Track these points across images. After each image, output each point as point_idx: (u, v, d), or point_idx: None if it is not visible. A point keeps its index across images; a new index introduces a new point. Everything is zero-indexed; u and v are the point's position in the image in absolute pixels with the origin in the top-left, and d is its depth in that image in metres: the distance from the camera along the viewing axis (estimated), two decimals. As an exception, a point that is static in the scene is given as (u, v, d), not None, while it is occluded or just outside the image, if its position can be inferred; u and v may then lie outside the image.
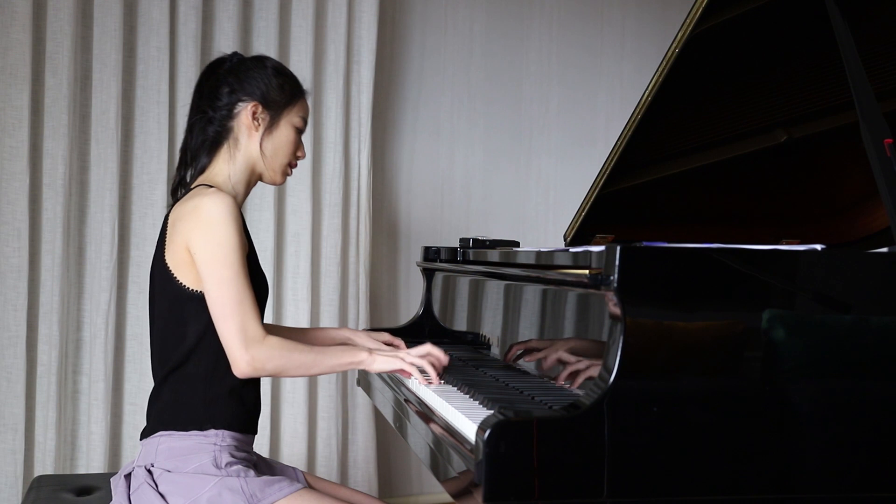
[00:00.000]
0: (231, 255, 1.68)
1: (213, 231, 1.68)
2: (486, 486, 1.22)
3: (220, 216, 1.68)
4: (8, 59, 2.79)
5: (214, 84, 1.84)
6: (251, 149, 1.83)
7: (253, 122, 1.82)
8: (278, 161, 1.86)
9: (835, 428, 1.34)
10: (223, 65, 1.86)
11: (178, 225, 1.73)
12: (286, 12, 3.20)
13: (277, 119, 1.84)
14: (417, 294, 3.07)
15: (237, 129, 1.83)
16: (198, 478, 1.68)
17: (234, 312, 1.66)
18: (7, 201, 2.80)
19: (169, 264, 1.74)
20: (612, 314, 1.32)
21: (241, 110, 1.82)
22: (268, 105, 1.83)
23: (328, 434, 3.24)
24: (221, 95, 1.82)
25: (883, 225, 2.37)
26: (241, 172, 1.84)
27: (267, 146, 1.84)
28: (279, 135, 1.85)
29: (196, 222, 1.69)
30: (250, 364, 1.67)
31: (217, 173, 1.83)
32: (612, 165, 2.22)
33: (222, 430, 1.73)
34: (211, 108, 1.83)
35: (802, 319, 1.36)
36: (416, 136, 3.61)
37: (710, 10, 1.91)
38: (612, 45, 3.89)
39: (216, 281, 1.67)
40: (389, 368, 1.80)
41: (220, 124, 1.82)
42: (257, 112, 1.82)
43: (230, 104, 1.82)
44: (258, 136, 1.83)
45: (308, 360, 1.73)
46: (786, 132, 2.32)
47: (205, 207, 1.69)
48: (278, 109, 1.84)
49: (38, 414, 2.83)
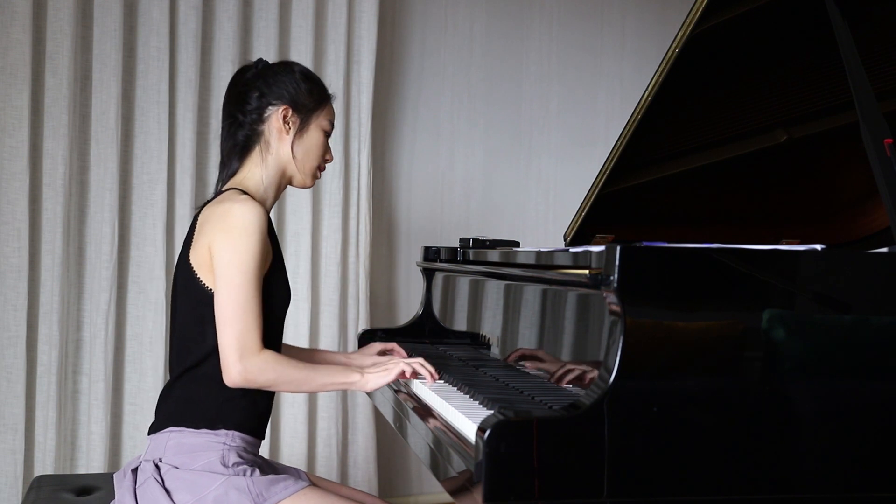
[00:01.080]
0: (247, 264, 1.68)
1: (236, 237, 1.69)
2: (486, 486, 1.22)
3: (248, 225, 1.70)
4: (8, 59, 2.79)
5: (243, 89, 1.85)
6: (282, 152, 1.85)
7: (284, 125, 1.84)
8: (309, 164, 1.88)
9: (835, 428, 1.34)
10: (249, 71, 1.88)
11: (205, 227, 1.75)
12: (286, 12, 3.20)
13: (307, 122, 1.86)
14: (417, 294, 3.07)
15: (268, 132, 1.84)
16: (205, 475, 1.69)
17: (235, 320, 1.67)
18: (7, 201, 2.80)
19: (193, 264, 1.75)
20: (612, 314, 1.32)
21: (272, 114, 1.83)
22: (298, 109, 1.85)
23: (328, 434, 3.25)
24: (251, 100, 1.84)
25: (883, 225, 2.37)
26: (273, 176, 1.86)
27: (298, 149, 1.86)
28: (309, 138, 1.87)
29: (223, 226, 1.71)
30: (241, 374, 1.67)
31: (249, 177, 1.84)
32: (612, 165, 2.22)
33: (233, 431, 1.74)
34: (241, 113, 1.84)
35: (802, 319, 1.35)
36: (416, 136, 3.61)
37: (710, 10, 1.90)
38: (612, 45, 3.89)
39: (226, 285, 1.68)
40: (383, 383, 1.80)
41: (251, 128, 1.84)
42: (288, 115, 1.84)
43: (260, 108, 1.83)
44: (289, 139, 1.84)
45: (300, 377, 1.73)
46: (786, 132, 2.32)
47: (235, 213, 1.71)
48: (308, 113, 1.86)
49: (38, 414, 2.83)
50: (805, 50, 2.16)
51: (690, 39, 1.93)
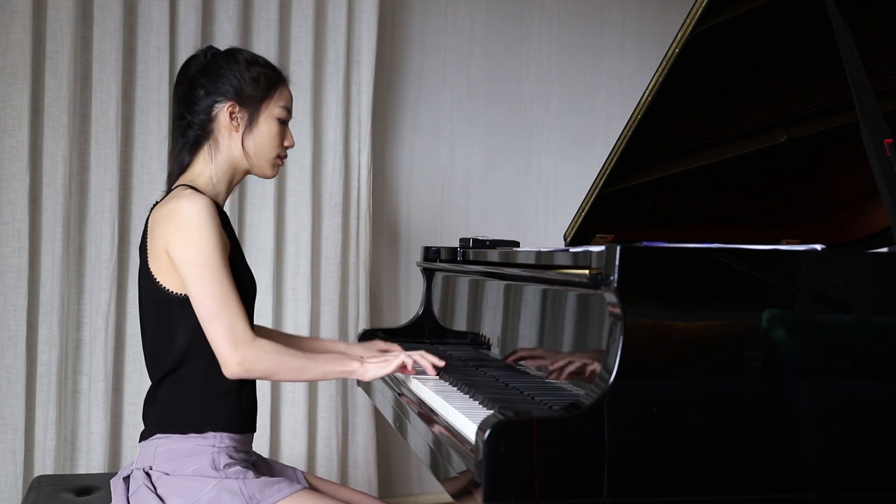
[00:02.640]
0: (211, 257, 1.66)
1: (190, 234, 1.66)
2: (486, 486, 1.22)
3: (197, 218, 1.66)
4: (8, 59, 2.79)
5: (189, 87, 1.81)
6: (233, 149, 1.81)
7: (231, 122, 1.79)
8: (264, 156, 1.83)
9: (835, 428, 1.34)
10: (195, 63, 1.83)
11: (156, 229, 1.72)
12: (286, 12, 3.20)
13: (256, 115, 1.80)
14: (417, 294, 3.07)
15: (217, 130, 1.80)
16: (196, 480, 1.68)
17: (219, 314, 1.65)
18: (7, 201, 2.80)
19: (151, 269, 1.73)
20: (611, 314, 1.32)
21: (219, 112, 1.79)
22: (244, 102, 1.79)
23: (328, 434, 3.24)
24: (198, 99, 1.79)
25: (883, 225, 2.37)
26: (224, 172, 1.82)
27: (249, 144, 1.81)
28: (260, 131, 1.81)
29: (174, 226, 1.68)
30: (241, 365, 1.65)
31: (198, 174, 1.81)
32: (612, 165, 2.22)
33: (220, 433, 1.73)
34: (189, 113, 1.80)
35: (802, 319, 1.35)
36: (416, 136, 3.61)
37: (710, 10, 1.90)
38: (612, 45, 3.89)
39: (198, 284, 1.65)
40: (382, 373, 1.79)
41: (200, 128, 1.80)
42: (234, 111, 1.79)
43: (207, 107, 1.79)
44: (239, 135, 1.80)
45: (299, 365, 1.72)
46: (786, 132, 2.32)
47: (181, 210, 1.68)
48: (255, 104, 1.80)
49: (38, 414, 2.83)
50: (805, 50, 2.16)
51: (690, 39, 1.93)
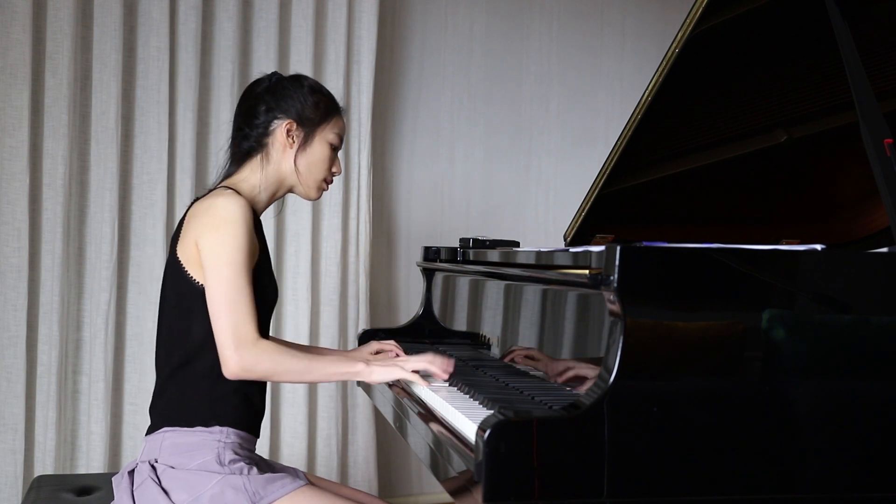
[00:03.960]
0: (234, 255, 1.69)
1: (221, 229, 1.70)
2: (486, 486, 1.22)
3: (232, 216, 1.71)
4: (8, 59, 2.79)
5: (253, 103, 1.88)
6: (284, 165, 1.87)
7: (287, 139, 1.86)
8: (313, 177, 1.90)
9: (835, 428, 1.34)
10: (262, 84, 1.90)
11: (192, 222, 1.76)
12: (286, 12, 3.20)
13: (312, 136, 1.88)
14: (417, 294, 3.07)
15: (272, 145, 1.86)
16: (201, 475, 1.69)
17: (229, 311, 1.67)
18: (7, 201, 2.80)
19: (181, 258, 1.76)
20: (612, 314, 1.32)
21: (277, 128, 1.86)
22: (302, 122, 1.86)
23: (328, 434, 3.24)
24: (259, 114, 1.86)
25: (883, 225, 2.37)
26: (270, 184, 1.88)
27: (301, 163, 1.87)
28: (313, 151, 1.88)
29: (208, 219, 1.73)
30: (239, 364, 1.67)
31: (243, 180, 1.86)
32: (612, 165, 2.22)
33: (227, 428, 1.75)
34: (248, 126, 1.87)
35: (802, 319, 1.35)
36: (416, 136, 3.61)
37: (710, 10, 1.90)
38: (612, 45, 3.89)
39: (216, 278, 1.69)
40: (388, 379, 1.80)
41: (256, 140, 1.87)
42: (292, 129, 1.86)
43: (266, 122, 1.86)
44: (292, 152, 1.86)
45: (301, 366, 1.73)
46: (786, 132, 2.32)
47: (218, 206, 1.73)
48: (313, 126, 1.88)
49: (38, 414, 2.83)
50: (805, 50, 2.16)
51: (690, 39, 1.93)
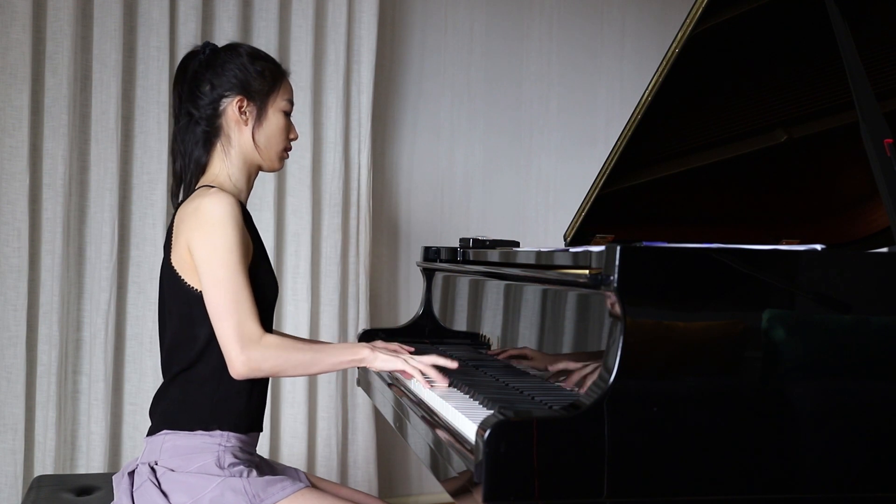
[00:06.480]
0: (228, 256, 1.67)
1: (211, 231, 1.67)
2: (486, 486, 1.22)
3: (220, 217, 1.68)
4: (8, 59, 2.79)
5: (192, 83, 1.81)
6: (244, 143, 1.82)
7: (241, 116, 1.80)
8: (273, 149, 1.85)
9: (834, 428, 1.34)
10: (196, 59, 1.83)
11: (181, 226, 1.73)
12: (286, 12, 3.20)
13: (264, 109, 1.82)
14: (417, 294, 3.07)
15: (226, 125, 1.81)
16: (201, 477, 1.68)
17: (230, 313, 1.66)
18: (7, 201, 2.80)
19: (175, 267, 1.74)
20: (612, 314, 1.32)
21: (227, 106, 1.80)
22: (251, 96, 1.81)
23: (328, 434, 3.24)
24: (203, 94, 1.80)
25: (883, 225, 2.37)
26: (240, 168, 1.83)
27: (259, 137, 1.82)
28: (269, 124, 1.83)
29: (196, 223, 1.69)
30: (246, 364, 1.66)
31: (217, 173, 1.82)
32: (612, 165, 2.22)
33: (228, 432, 1.74)
34: (195, 109, 1.81)
35: (802, 319, 1.35)
36: (416, 136, 3.61)
37: (710, 11, 1.90)
38: (612, 45, 3.89)
39: (212, 281, 1.67)
40: (392, 368, 1.77)
41: (208, 123, 1.81)
42: (243, 105, 1.80)
43: (213, 101, 1.80)
44: (249, 129, 1.81)
45: (307, 358, 1.72)
46: (786, 132, 2.32)
47: (205, 208, 1.69)
48: (263, 98, 1.82)
49: (38, 414, 2.83)
50: (805, 50, 2.15)
51: (690, 39, 1.93)
